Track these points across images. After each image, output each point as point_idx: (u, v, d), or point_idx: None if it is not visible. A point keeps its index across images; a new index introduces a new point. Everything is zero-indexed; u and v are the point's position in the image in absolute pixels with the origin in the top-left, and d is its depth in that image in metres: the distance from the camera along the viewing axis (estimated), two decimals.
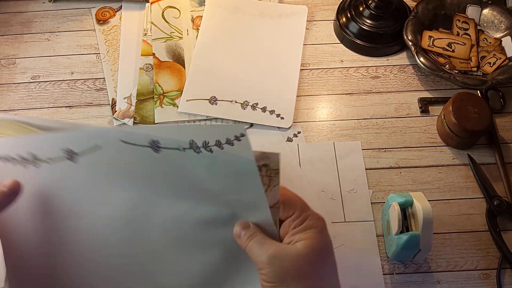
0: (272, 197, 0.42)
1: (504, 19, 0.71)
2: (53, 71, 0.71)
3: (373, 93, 0.68)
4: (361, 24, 0.71)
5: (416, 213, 0.51)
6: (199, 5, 0.76)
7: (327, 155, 0.63)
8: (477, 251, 0.57)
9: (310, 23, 0.75)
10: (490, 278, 0.55)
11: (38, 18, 0.76)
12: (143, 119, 0.65)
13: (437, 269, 0.56)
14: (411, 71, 0.70)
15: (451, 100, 0.61)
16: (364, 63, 0.71)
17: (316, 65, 0.71)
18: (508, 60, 0.68)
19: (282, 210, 0.40)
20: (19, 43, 0.73)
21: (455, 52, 0.69)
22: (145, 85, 0.68)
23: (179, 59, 0.71)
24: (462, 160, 0.63)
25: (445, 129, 0.62)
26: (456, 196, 0.60)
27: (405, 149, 0.64)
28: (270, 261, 0.37)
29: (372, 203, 0.60)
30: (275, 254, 0.37)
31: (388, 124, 0.66)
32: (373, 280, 0.55)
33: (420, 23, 0.71)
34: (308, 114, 0.67)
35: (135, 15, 0.75)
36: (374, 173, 0.62)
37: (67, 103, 0.68)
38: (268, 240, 0.39)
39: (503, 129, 0.65)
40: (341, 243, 0.57)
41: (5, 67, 0.71)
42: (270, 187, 0.42)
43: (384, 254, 0.56)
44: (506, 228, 0.58)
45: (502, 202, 0.58)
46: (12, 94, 0.69)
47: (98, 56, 0.72)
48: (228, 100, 0.67)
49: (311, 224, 0.39)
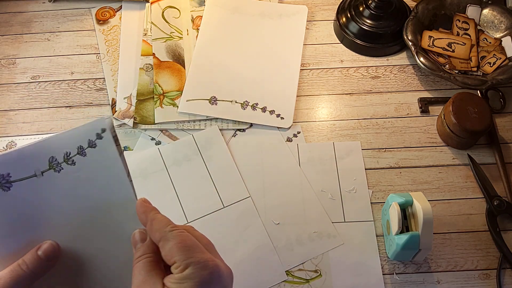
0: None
1: (504, 19, 0.71)
2: (53, 71, 0.71)
3: (373, 93, 0.68)
4: (361, 24, 0.71)
5: (416, 213, 0.51)
6: (199, 5, 0.76)
7: (327, 155, 0.63)
8: (477, 251, 0.57)
9: (310, 23, 0.75)
10: (490, 278, 0.55)
11: (38, 18, 0.76)
12: (143, 119, 0.65)
13: (437, 269, 0.56)
14: (411, 71, 0.70)
15: (451, 100, 0.61)
16: (364, 63, 0.71)
17: (316, 65, 0.71)
18: (508, 60, 0.68)
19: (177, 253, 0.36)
20: (19, 43, 0.73)
21: (455, 52, 0.69)
22: (145, 85, 0.68)
23: (179, 59, 0.71)
24: (462, 160, 0.63)
25: (445, 129, 0.62)
26: (456, 196, 0.60)
27: (405, 149, 0.64)
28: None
29: (372, 203, 0.60)
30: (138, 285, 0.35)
31: (388, 124, 0.66)
32: (373, 280, 0.55)
33: (420, 23, 0.71)
34: (308, 114, 0.67)
35: (135, 15, 0.75)
36: (374, 173, 0.62)
37: (67, 103, 0.68)
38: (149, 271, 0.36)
39: (503, 129, 0.65)
40: (341, 243, 0.57)
41: (5, 67, 0.71)
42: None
43: (384, 254, 0.56)
44: (506, 228, 0.58)
45: (502, 202, 0.58)
46: (12, 94, 0.69)
47: (98, 56, 0.72)
48: (228, 100, 0.67)
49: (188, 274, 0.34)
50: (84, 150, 0.39)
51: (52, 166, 0.39)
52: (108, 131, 0.39)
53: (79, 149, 0.39)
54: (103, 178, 0.40)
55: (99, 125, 0.39)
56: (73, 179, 0.39)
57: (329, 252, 0.56)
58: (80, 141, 0.39)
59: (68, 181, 0.39)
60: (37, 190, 0.38)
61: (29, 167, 0.38)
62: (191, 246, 0.36)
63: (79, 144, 0.39)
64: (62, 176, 0.38)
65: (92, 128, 0.39)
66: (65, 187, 0.39)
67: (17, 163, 0.37)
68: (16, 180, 0.38)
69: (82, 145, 0.39)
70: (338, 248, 0.56)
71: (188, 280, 0.34)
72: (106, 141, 0.39)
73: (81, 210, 0.39)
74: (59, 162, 0.39)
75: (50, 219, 0.39)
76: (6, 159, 0.37)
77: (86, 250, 0.39)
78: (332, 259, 0.56)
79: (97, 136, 0.39)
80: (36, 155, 0.38)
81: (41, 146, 0.39)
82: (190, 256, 0.35)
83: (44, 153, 0.38)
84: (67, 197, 0.39)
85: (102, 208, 0.40)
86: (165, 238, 0.36)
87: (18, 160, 0.37)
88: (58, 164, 0.39)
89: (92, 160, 0.39)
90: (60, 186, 0.39)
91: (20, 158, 0.38)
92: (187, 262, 0.34)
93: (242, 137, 0.64)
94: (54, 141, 0.39)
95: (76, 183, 0.39)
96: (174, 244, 0.35)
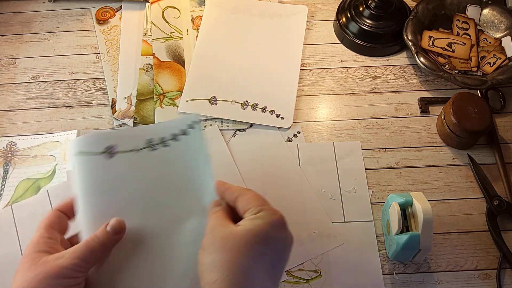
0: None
1: (504, 19, 0.71)
2: (53, 71, 0.71)
3: (373, 93, 0.68)
4: (361, 24, 0.71)
5: (416, 213, 0.51)
6: (199, 5, 0.76)
7: (327, 155, 0.63)
8: (477, 251, 0.57)
9: (310, 23, 0.75)
10: (490, 278, 0.55)
11: (38, 18, 0.76)
12: (143, 119, 0.65)
13: (437, 269, 0.56)
14: (411, 71, 0.70)
15: (451, 100, 0.61)
16: (364, 63, 0.71)
17: (316, 65, 0.71)
18: (508, 60, 0.68)
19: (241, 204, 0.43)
20: (19, 43, 0.73)
21: (455, 52, 0.69)
22: (145, 85, 0.68)
23: (179, 59, 0.71)
24: (462, 160, 0.63)
25: (445, 129, 0.62)
26: (456, 196, 0.60)
27: (405, 149, 0.64)
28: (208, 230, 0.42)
29: (372, 203, 0.60)
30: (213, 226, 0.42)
31: (388, 124, 0.66)
32: (373, 280, 0.55)
33: (420, 23, 0.71)
34: (308, 114, 0.67)
35: (135, 15, 0.76)
36: (374, 173, 0.62)
37: (67, 103, 0.68)
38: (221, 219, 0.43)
39: (503, 129, 0.65)
40: (341, 243, 0.57)
41: (5, 67, 0.71)
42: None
43: (384, 254, 0.56)
44: (506, 228, 0.58)
45: (502, 202, 0.58)
46: (12, 94, 0.69)
47: (98, 56, 0.72)
48: (228, 100, 0.67)
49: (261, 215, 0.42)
50: (177, 136, 0.48)
51: (149, 145, 0.48)
52: (198, 123, 0.49)
53: (173, 135, 0.48)
54: (190, 159, 0.48)
55: (191, 118, 0.49)
56: (164, 158, 0.47)
57: (329, 252, 0.56)
58: (175, 129, 0.49)
59: (159, 159, 0.47)
60: (132, 162, 0.47)
61: (131, 143, 0.47)
62: (264, 198, 0.44)
63: (173, 132, 0.49)
64: (156, 154, 0.47)
65: (185, 120, 0.49)
66: (156, 163, 0.47)
67: (123, 139, 0.47)
68: (119, 151, 0.47)
69: (176, 132, 0.49)
70: (338, 248, 0.57)
71: (260, 219, 0.41)
72: (196, 131, 0.49)
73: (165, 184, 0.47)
74: (154, 144, 0.48)
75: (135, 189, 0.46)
76: (117, 133, 0.48)
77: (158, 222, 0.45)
78: (332, 259, 0.56)
79: (188, 126, 0.49)
80: (138, 136, 0.48)
81: (142, 129, 0.49)
82: (264, 204, 0.42)
83: (143, 135, 0.48)
84: (156, 171, 0.47)
85: (183, 185, 0.47)
86: (243, 193, 0.43)
87: (124, 137, 0.47)
88: (153, 145, 0.48)
89: (183, 144, 0.48)
90: (152, 162, 0.47)
91: (126, 135, 0.47)
92: (261, 208, 0.41)
93: (242, 137, 0.64)
94: (153, 127, 0.50)
95: (166, 161, 0.47)
96: (251, 195, 0.43)
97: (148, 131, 0.49)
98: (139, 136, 0.48)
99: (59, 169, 0.61)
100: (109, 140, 0.46)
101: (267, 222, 0.41)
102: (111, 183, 0.46)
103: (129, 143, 0.47)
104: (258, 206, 0.43)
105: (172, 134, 0.48)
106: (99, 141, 0.46)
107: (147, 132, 0.48)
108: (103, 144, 0.46)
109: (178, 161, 0.48)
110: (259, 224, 0.41)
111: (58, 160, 0.62)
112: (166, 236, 0.45)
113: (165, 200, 0.46)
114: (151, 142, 0.48)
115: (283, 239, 0.42)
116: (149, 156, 0.47)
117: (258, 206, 0.43)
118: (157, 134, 0.48)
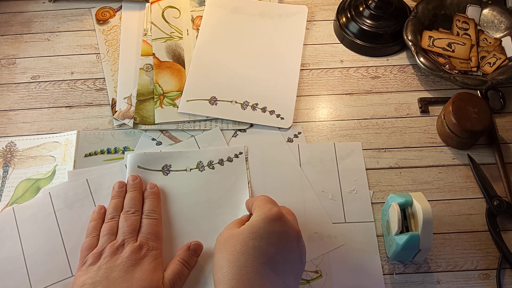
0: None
1: (504, 19, 0.71)
2: (53, 71, 0.71)
3: (373, 93, 0.68)
4: (361, 24, 0.71)
5: (416, 213, 0.51)
6: (199, 5, 0.76)
7: (328, 155, 0.63)
8: (477, 251, 0.57)
9: (310, 23, 0.75)
10: (490, 278, 0.55)
11: (38, 18, 0.76)
12: (143, 120, 0.65)
13: (437, 269, 0.56)
14: (411, 71, 0.70)
15: (451, 100, 0.61)
16: (364, 63, 0.71)
17: (316, 65, 0.71)
18: (508, 60, 0.68)
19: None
20: (19, 43, 0.73)
21: (455, 52, 0.69)
22: (145, 85, 0.68)
23: (179, 59, 0.71)
24: (462, 160, 0.63)
25: (445, 129, 0.62)
26: (456, 196, 0.60)
27: (405, 149, 0.64)
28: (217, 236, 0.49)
29: (372, 204, 0.60)
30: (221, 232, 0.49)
31: (388, 124, 0.66)
32: (373, 280, 0.55)
33: (420, 23, 0.71)
34: (308, 114, 0.67)
35: (135, 15, 0.75)
36: (374, 173, 0.62)
37: (67, 103, 0.68)
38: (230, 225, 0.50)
39: (503, 129, 0.65)
40: (341, 244, 0.57)
41: (5, 67, 0.71)
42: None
43: (384, 254, 0.57)
44: (506, 228, 0.58)
45: (502, 202, 0.59)
46: (12, 94, 0.69)
47: (98, 56, 0.72)
48: (228, 100, 0.67)
49: (258, 213, 0.47)
50: (223, 162, 0.59)
51: (198, 166, 0.59)
52: (243, 154, 0.60)
53: (219, 160, 0.60)
54: (231, 182, 0.59)
55: (238, 149, 0.61)
56: (209, 178, 0.58)
57: (329, 252, 0.56)
58: (222, 156, 0.60)
59: (205, 178, 0.58)
60: (183, 180, 0.58)
61: (183, 164, 0.59)
62: (268, 201, 0.49)
63: (221, 157, 0.60)
64: (203, 174, 0.58)
65: (232, 150, 0.61)
66: (202, 182, 0.58)
67: (177, 160, 0.59)
68: (174, 170, 0.59)
69: (223, 158, 0.60)
70: (339, 248, 0.57)
71: (255, 217, 0.47)
72: (241, 160, 0.60)
73: (205, 200, 0.57)
74: (203, 165, 0.59)
75: (183, 202, 0.57)
76: (172, 154, 0.60)
77: (194, 233, 0.55)
78: (332, 260, 0.56)
79: (234, 155, 0.60)
80: (190, 158, 0.59)
81: (194, 153, 0.60)
82: (265, 204, 0.48)
83: (195, 158, 0.60)
84: (200, 190, 0.58)
85: (222, 203, 0.57)
86: (255, 199, 0.50)
87: (178, 158, 0.59)
88: (202, 166, 0.59)
89: (227, 169, 0.59)
90: (199, 180, 0.58)
91: (180, 157, 0.59)
92: (261, 207, 0.48)
93: (243, 138, 0.64)
94: (204, 152, 0.60)
95: (211, 181, 0.58)
96: (259, 199, 0.50)
97: (198, 154, 0.60)
98: (192, 158, 0.59)
99: (59, 170, 0.61)
100: (166, 160, 0.59)
101: (260, 218, 0.46)
102: (165, 196, 0.57)
103: (182, 163, 0.59)
104: (259, 206, 0.48)
105: (219, 159, 0.59)
106: (157, 160, 0.59)
107: (198, 154, 0.60)
108: (161, 164, 0.59)
109: (221, 182, 0.58)
110: (252, 221, 0.46)
111: (58, 160, 0.62)
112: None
113: (205, 214, 0.56)
114: (201, 163, 0.59)
115: (281, 232, 0.46)
116: (197, 175, 0.58)
117: (259, 207, 0.47)
118: (207, 158, 0.59)
